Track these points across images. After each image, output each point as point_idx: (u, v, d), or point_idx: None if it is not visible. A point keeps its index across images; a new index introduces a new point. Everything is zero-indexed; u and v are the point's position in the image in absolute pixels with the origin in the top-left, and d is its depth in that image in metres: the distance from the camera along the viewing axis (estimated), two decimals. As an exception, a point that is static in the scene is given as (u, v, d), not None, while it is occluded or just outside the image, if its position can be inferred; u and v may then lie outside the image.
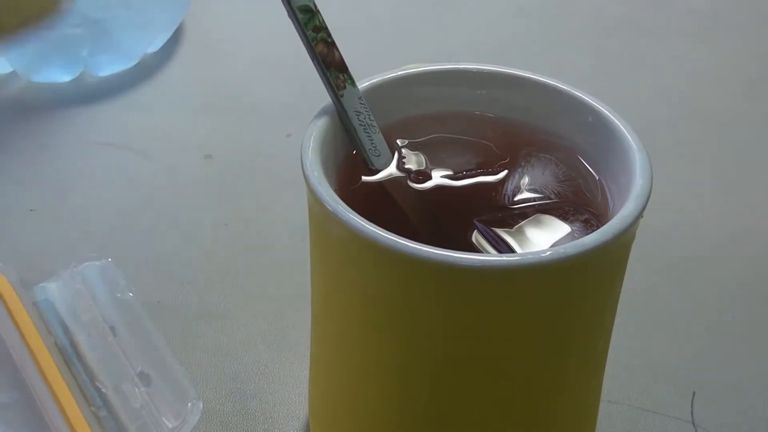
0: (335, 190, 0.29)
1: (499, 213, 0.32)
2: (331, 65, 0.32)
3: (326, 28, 0.32)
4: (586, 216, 0.32)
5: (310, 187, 0.30)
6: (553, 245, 0.30)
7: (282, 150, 0.58)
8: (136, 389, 0.37)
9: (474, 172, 0.34)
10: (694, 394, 0.42)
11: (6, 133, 0.58)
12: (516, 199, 0.33)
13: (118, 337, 0.39)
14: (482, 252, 0.31)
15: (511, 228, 0.31)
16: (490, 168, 0.34)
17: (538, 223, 0.32)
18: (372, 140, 0.33)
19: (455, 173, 0.34)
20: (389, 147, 0.34)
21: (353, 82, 0.33)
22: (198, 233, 0.51)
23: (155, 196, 0.54)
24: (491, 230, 0.31)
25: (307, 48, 0.32)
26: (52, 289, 0.39)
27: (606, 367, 0.34)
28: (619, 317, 0.33)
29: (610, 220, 0.29)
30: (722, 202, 0.54)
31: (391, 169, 0.34)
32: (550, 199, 0.33)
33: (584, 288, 0.30)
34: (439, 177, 0.34)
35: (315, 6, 0.32)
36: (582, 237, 0.28)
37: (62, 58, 0.62)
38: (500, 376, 0.31)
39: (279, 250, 0.50)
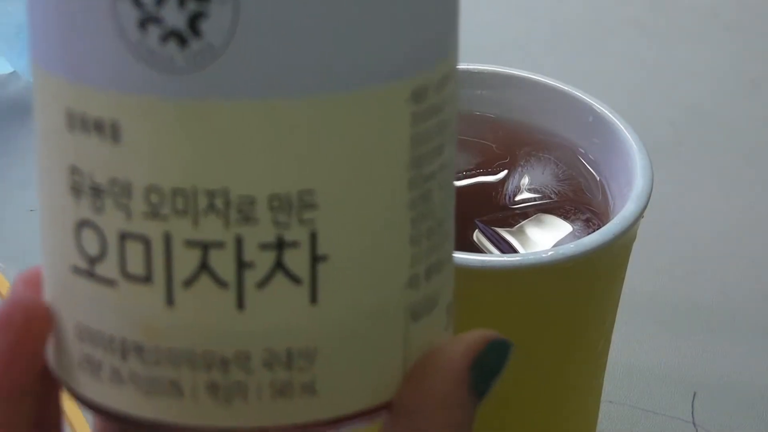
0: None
1: (500, 213, 0.32)
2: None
3: None
4: (587, 215, 0.32)
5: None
6: (555, 245, 0.30)
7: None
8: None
9: (474, 171, 0.34)
10: (694, 394, 0.42)
11: (6, 133, 0.58)
12: (517, 198, 0.33)
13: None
14: (484, 252, 0.31)
15: (512, 228, 0.31)
16: (490, 168, 0.34)
17: (539, 223, 0.32)
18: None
19: (455, 173, 0.34)
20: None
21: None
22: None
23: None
24: (493, 230, 0.31)
25: None
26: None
27: (606, 368, 0.34)
28: (619, 317, 0.33)
29: (610, 219, 0.29)
30: (722, 202, 0.54)
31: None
32: (551, 198, 0.33)
33: (585, 288, 0.30)
34: (439, 177, 0.34)
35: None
36: (583, 236, 0.28)
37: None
38: (501, 376, 0.31)
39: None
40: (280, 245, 0.18)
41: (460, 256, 0.27)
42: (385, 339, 0.19)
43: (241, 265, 0.18)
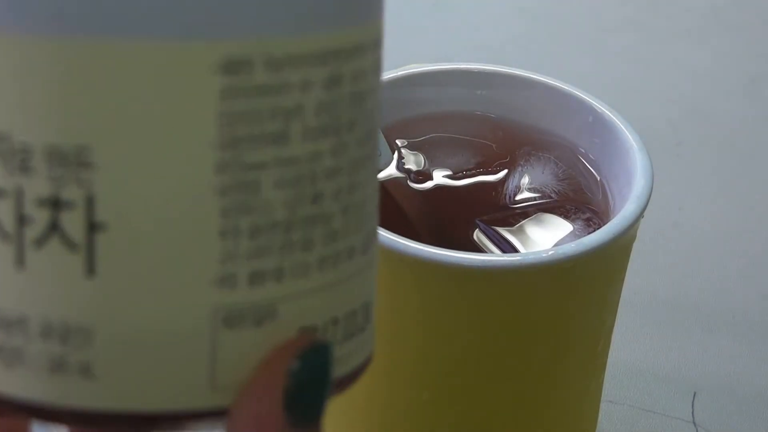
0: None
1: (501, 212, 0.32)
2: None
3: None
4: (587, 215, 0.32)
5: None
6: (555, 244, 0.30)
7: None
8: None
9: (474, 171, 0.34)
10: (694, 394, 0.42)
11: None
12: (517, 198, 0.33)
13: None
14: (485, 251, 0.31)
15: (513, 227, 0.31)
16: (490, 167, 0.34)
17: (539, 222, 0.32)
18: (372, 140, 0.33)
19: (455, 173, 0.34)
20: (389, 147, 0.34)
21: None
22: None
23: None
24: (493, 229, 0.31)
25: None
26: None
27: (606, 367, 0.34)
28: (619, 317, 0.33)
29: (610, 219, 0.29)
30: (722, 202, 0.54)
31: (391, 170, 0.34)
32: (551, 198, 0.33)
33: (585, 288, 0.30)
34: (439, 177, 0.34)
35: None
36: (583, 236, 0.29)
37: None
38: (501, 375, 0.31)
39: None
40: (56, 203, 0.16)
41: (460, 255, 0.27)
42: (180, 337, 0.17)
43: (21, 219, 0.16)
